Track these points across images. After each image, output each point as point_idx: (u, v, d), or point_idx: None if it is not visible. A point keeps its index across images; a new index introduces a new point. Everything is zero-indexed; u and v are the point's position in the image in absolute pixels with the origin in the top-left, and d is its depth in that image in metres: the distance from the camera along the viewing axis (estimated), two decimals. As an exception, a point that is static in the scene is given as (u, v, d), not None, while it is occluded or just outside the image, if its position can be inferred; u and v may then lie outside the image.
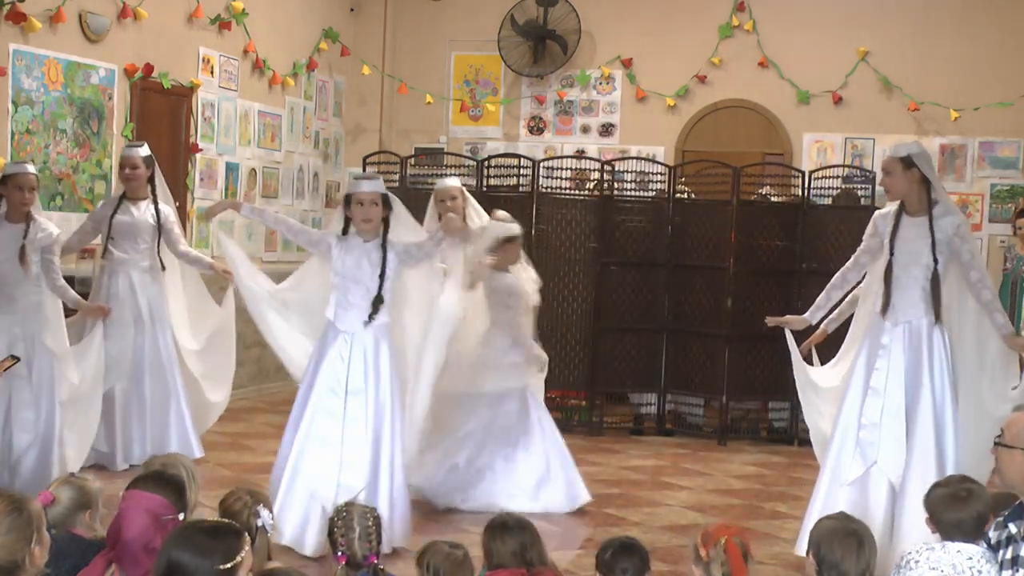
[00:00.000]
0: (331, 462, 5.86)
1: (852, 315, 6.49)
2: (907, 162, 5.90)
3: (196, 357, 7.99)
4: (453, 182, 7.56)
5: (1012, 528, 3.71)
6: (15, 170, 6.92)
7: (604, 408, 10.01)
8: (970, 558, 3.75)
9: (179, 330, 7.92)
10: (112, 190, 9.22)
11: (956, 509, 3.83)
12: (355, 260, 5.97)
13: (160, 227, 7.75)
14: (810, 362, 6.69)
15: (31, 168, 7.02)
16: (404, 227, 6.13)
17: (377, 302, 5.93)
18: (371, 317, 5.93)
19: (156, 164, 7.85)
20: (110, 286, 7.72)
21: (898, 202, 5.99)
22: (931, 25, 11.54)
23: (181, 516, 3.76)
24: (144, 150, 7.78)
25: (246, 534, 3.38)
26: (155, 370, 7.72)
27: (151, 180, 7.79)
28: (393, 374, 6.01)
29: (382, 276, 5.94)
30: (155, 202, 7.76)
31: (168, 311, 7.83)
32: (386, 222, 6.02)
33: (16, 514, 3.22)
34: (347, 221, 6.05)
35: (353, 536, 3.93)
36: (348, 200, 6.01)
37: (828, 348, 6.72)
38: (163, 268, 7.83)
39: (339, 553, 3.92)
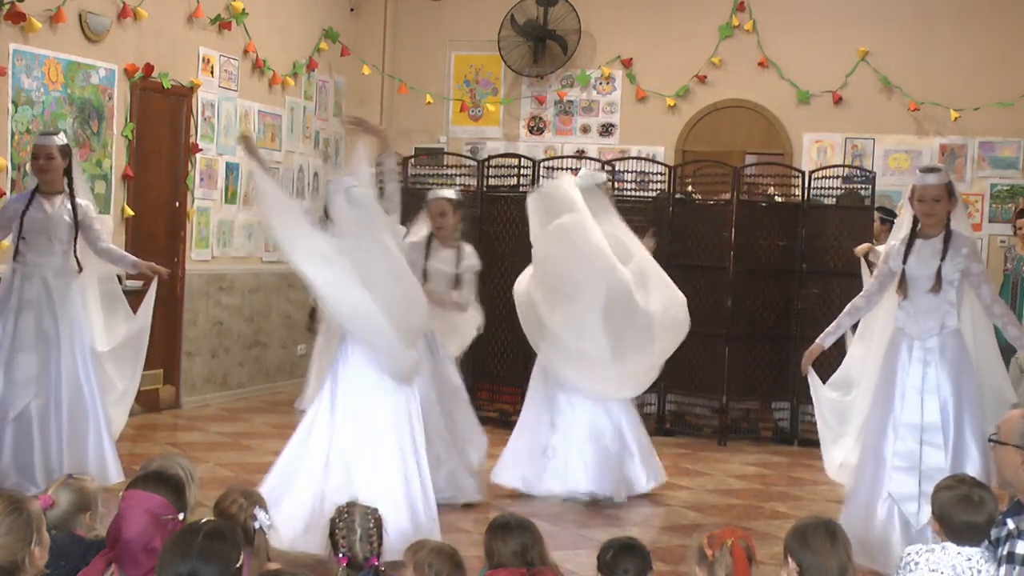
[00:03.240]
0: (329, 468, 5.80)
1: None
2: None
3: (103, 356, 7.11)
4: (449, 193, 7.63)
5: (1010, 524, 3.72)
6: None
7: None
8: (969, 559, 3.75)
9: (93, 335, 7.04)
10: (113, 189, 9.24)
11: (969, 512, 3.81)
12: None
13: (78, 224, 6.82)
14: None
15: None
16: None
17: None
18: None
19: (73, 154, 7.01)
20: (23, 291, 6.79)
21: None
22: (931, 25, 11.53)
23: (181, 516, 3.75)
24: (60, 139, 6.91)
25: (238, 528, 3.39)
26: (72, 386, 6.80)
27: (68, 172, 6.86)
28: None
29: None
30: (72, 196, 6.84)
31: (84, 319, 6.93)
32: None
33: (16, 515, 3.22)
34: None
35: (354, 538, 3.92)
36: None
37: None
38: (80, 270, 6.88)
39: (340, 555, 3.91)
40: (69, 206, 6.81)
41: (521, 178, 10.01)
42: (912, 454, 5.79)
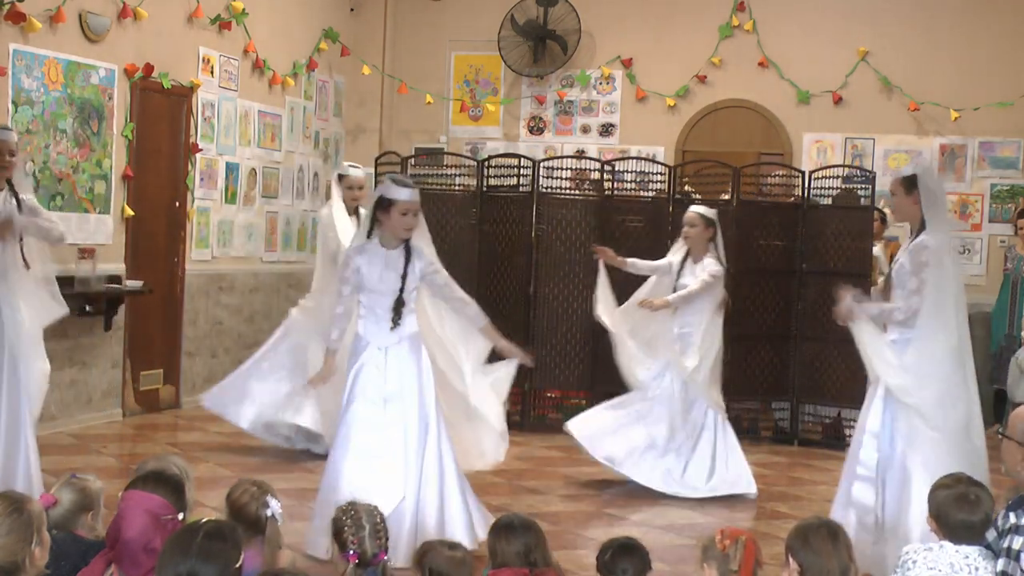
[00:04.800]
0: (374, 474, 5.69)
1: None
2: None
3: None
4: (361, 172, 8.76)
5: (1012, 518, 3.73)
6: None
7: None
8: (967, 557, 3.77)
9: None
10: (113, 189, 9.24)
11: (966, 511, 3.82)
12: (380, 271, 5.83)
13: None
14: None
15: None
16: (421, 231, 6.00)
17: (399, 306, 5.80)
18: (394, 322, 5.80)
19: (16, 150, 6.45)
20: None
21: None
22: (931, 25, 11.53)
23: (180, 516, 3.76)
24: (15, 135, 6.50)
25: (238, 527, 3.38)
26: (12, 395, 6.22)
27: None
28: (432, 381, 5.88)
29: (404, 278, 5.81)
30: (14, 191, 6.29)
31: (27, 324, 6.31)
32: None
33: (16, 515, 3.23)
34: (372, 223, 5.88)
35: (363, 534, 3.92)
36: (387, 205, 5.78)
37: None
38: (28, 267, 6.33)
39: (350, 552, 3.91)
40: (14, 202, 6.27)
41: (521, 178, 10.01)
42: (871, 462, 5.59)
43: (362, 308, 5.90)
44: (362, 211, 8.74)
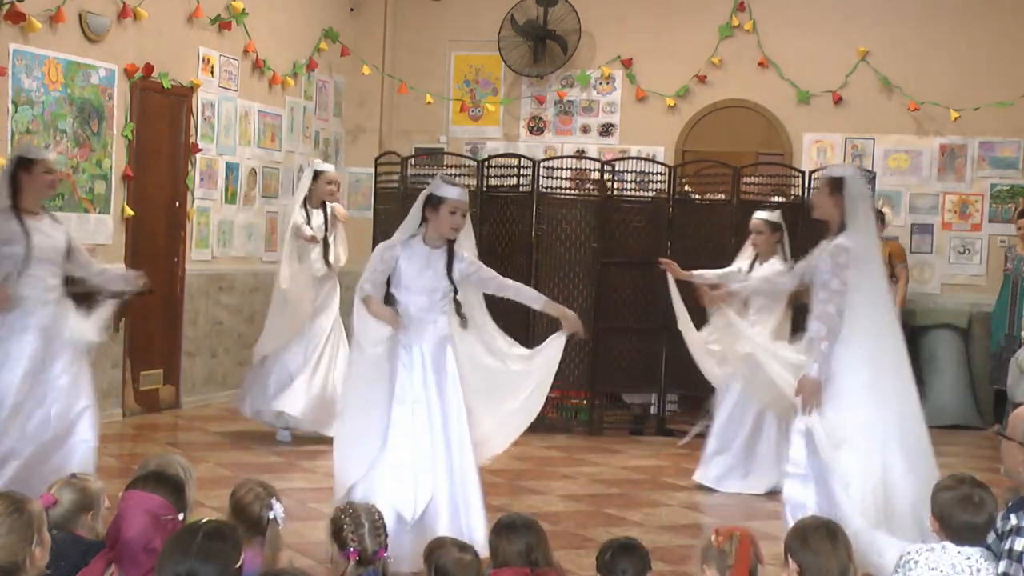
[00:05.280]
0: (405, 473, 5.66)
1: None
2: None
3: None
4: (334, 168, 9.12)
5: (1013, 520, 3.73)
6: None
7: (604, 408, 10.01)
8: (968, 557, 3.77)
9: None
10: (113, 189, 9.23)
11: (970, 512, 3.82)
12: (418, 269, 5.77)
13: (72, 248, 6.22)
14: None
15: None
16: (465, 233, 5.95)
17: (458, 307, 5.80)
18: (463, 325, 5.83)
19: None
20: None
21: None
22: (931, 25, 11.53)
23: (181, 516, 3.76)
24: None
25: (238, 527, 3.39)
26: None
27: None
28: (460, 381, 5.81)
29: (451, 278, 5.76)
30: (56, 219, 6.22)
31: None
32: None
33: (16, 515, 3.23)
34: (420, 222, 5.82)
35: (363, 532, 3.94)
36: (436, 203, 5.74)
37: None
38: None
39: (351, 549, 3.92)
40: (61, 230, 6.18)
41: (521, 178, 10.00)
42: (801, 459, 5.54)
43: (397, 304, 5.81)
44: (329, 206, 8.84)
